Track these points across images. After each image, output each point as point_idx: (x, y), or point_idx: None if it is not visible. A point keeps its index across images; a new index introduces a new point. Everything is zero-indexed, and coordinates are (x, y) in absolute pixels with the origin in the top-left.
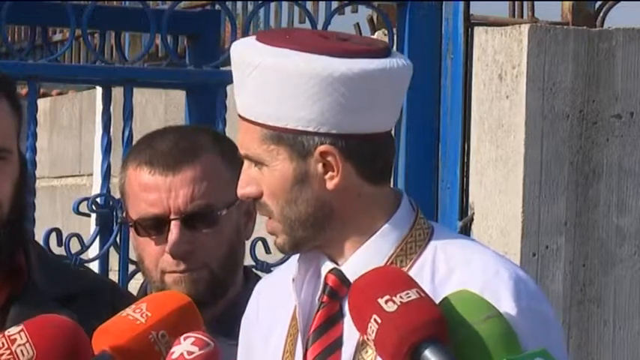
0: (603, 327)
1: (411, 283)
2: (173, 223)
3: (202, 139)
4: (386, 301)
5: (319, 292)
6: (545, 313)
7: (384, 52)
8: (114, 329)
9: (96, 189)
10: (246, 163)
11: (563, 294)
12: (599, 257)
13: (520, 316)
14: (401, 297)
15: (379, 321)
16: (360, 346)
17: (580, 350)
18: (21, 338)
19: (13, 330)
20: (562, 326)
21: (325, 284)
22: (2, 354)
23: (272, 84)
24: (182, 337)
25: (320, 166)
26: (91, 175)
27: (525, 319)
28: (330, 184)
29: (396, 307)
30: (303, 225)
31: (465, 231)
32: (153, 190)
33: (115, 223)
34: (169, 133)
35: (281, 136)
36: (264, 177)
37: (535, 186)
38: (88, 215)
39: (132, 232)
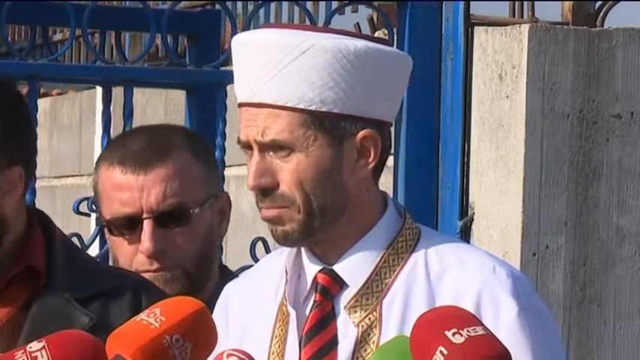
0: (603, 327)
1: (477, 321)
2: (146, 222)
3: (174, 138)
4: (453, 334)
5: (306, 292)
6: (542, 309)
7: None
8: (128, 333)
9: None
10: (257, 154)
11: (563, 294)
12: (599, 257)
13: (520, 314)
14: (468, 331)
15: (445, 352)
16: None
17: (580, 350)
18: (42, 356)
19: (34, 346)
20: (562, 326)
21: (316, 283)
22: None
23: (323, 67)
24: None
25: (355, 152)
26: (91, 175)
27: (525, 317)
28: (363, 171)
29: (463, 339)
30: (322, 215)
31: (465, 231)
32: (125, 189)
33: None
34: (141, 133)
35: (322, 121)
36: (290, 164)
37: (535, 186)
38: (88, 215)
39: (106, 232)
